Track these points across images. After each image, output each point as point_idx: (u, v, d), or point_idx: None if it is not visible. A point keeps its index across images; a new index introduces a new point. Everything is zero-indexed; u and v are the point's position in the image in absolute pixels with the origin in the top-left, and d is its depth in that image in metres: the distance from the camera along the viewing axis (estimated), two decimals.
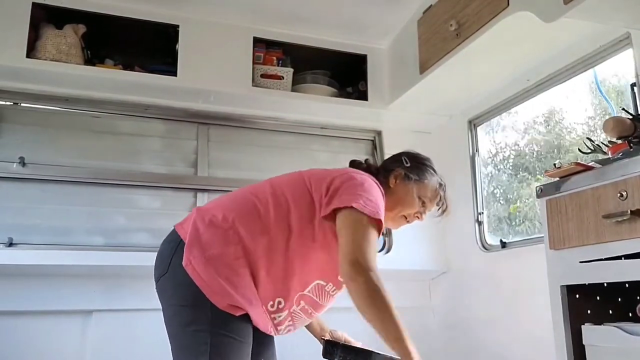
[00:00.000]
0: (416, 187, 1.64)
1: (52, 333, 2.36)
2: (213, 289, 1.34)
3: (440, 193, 1.68)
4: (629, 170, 1.35)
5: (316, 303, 1.50)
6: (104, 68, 2.53)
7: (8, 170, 2.41)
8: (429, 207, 1.67)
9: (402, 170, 1.65)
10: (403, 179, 1.64)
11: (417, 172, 1.66)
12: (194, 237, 1.40)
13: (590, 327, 1.45)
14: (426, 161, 1.72)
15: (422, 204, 1.64)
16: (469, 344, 2.72)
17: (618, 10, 1.76)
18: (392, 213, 1.62)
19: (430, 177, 1.67)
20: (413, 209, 1.64)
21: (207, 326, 1.33)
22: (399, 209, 1.63)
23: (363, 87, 2.94)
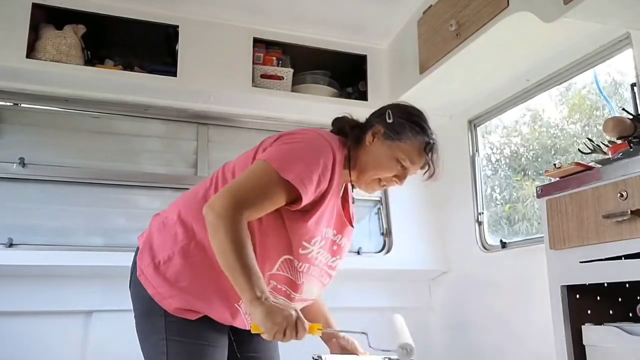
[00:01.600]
0: (395, 147, 1.39)
1: (52, 333, 2.35)
2: (164, 294, 1.29)
3: (426, 155, 1.42)
4: (629, 170, 1.35)
5: (292, 282, 1.36)
6: (103, 68, 2.53)
7: (8, 171, 2.41)
8: (411, 170, 1.43)
9: (381, 127, 1.41)
10: (382, 136, 1.40)
11: (399, 129, 1.40)
12: (145, 245, 1.37)
13: (590, 327, 1.45)
14: (414, 116, 1.44)
15: (401, 167, 1.40)
16: (469, 344, 2.72)
17: (618, 10, 1.76)
18: (365, 175, 1.41)
19: (414, 136, 1.40)
20: (389, 172, 1.40)
21: (162, 335, 1.28)
22: (373, 171, 1.40)
23: (363, 88, 2.94)
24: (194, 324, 1.29)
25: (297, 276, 1.36)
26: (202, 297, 1.29)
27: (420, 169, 1.44)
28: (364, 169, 1.41)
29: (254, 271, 1.16)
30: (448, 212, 2.96)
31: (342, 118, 1.50)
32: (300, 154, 1.28)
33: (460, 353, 2.78)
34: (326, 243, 1.40)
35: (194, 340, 1.28)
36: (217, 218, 1.17)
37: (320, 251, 1.38)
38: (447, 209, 2.96)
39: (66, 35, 2.45)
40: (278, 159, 1.25)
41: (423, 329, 2.94)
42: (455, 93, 2.68)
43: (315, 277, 1.41)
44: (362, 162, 1.41)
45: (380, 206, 2.99)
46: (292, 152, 1.28)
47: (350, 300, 2.74)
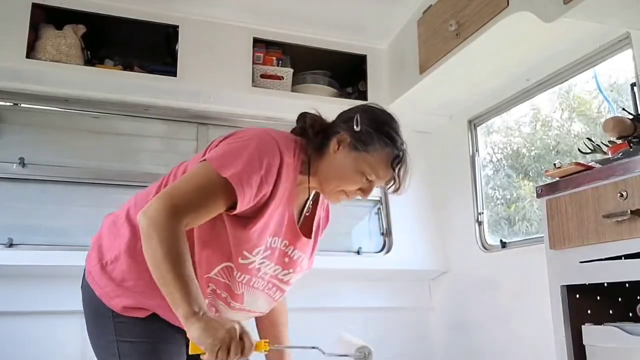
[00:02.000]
0: (361, 158, 1.27)
1: (52, 333, 2.35)
2: (110, 294, 1.25)
3: (392, 169, 1.29)
4: (629, 170, 1.35)
5: (231, 290, 1.28)
6: (103, 68, 2.53)
7: (8, 171, 2.41)
8: (376, 183, 1.31)
9: (347, 136, 1.29)
10: (348, 146, 1.28)
11: (366, 139, 1.27)
12: (94, 245, 1.34)
13: (590, 327, 1.45)
14: (383, 125, 1.31)
15: (366, 180, 1.29)
16: (469, 344, 2.72)
17: (618, 10, 1.76)
18: (329, 186, 1.30)
19: (382, 148, 1.28)
20: (353, 184, 1.29)
21: (112, 336, 1.23)
22: (336, 182, 1.29)
23: (363, 87, 2.94)
24: (144, 322, 1.23)
25: (235, 285, 1.28)
26: (149, 295, 1.21)
27: (385, 183, 1.33)
28: (327, 178, 1.30)
29: (191, 285, 1.06)
30: (448, 212, 2.96)
31: (306, 116, 1.39)
32: (242, 152, 1.18)
33: (460, 353, 2.78)
34: (272, 254, 1.30)
35: (145, 339, 1.22)
36: (150, 225, 1.08)
37: (264, 262, 1.28)
38: (447, 209, 2.96)
39: (66, 35, 2.45)
40: (218, 158, 1.17)
41: (423, 329, 2.94)
42: (455, 93, 2.68)
43: (259, 290, 1.32)
44: (325, 171, 1.30)
45: (380, 206, 2.99)
46: (234, 151, 1.18)
47: (350, 300, 2.74)
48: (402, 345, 2.85)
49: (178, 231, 1.09)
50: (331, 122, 1.37)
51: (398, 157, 1.30)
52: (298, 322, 1.69)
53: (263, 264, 1.28)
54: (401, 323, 2.89)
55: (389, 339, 2.84)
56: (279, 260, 1.32)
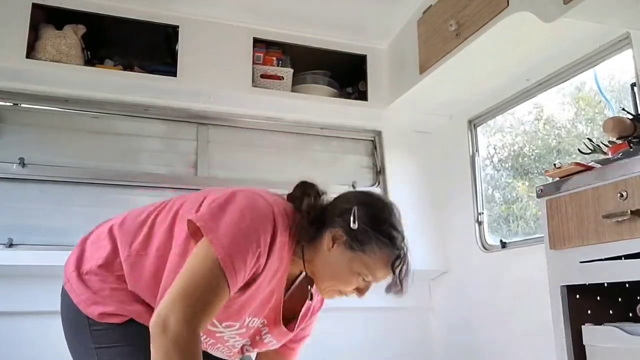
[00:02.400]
0: (357, 259, 1.18)
1: (52, 334, 2.34)
2: (87, 301, 1.21)
3: (392, 270, 1.21)
4: (629, 170, 1.35)
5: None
6: (103, 69, 2.53)
7: (8, 171, 2.41)
8: (375, 282, 1.24)
9: (343, 234, 1.19)
10: (344, 244, 1.19)
11: (362, 238, 1.18)
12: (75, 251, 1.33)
13: (590, 327, 1.45)
14: (381, 224, 1.21)
15: (362, 280, 1.22)
16: (469, 344, 2.72)
17: (618, 10, 1.76)
18: (323, 284, 1.23)
19: (380, 249, 1.19)
20: (348, 285, 1.22)
21: (91, 344, 1.20)
22: (331, 282, 1.22)
23: (363, 87, 2.94)
24: (122, 327, 1.19)
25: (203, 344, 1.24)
26: (127, 302, 1.20)
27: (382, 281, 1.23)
28: (321, 276, 1.22)
29: None
30: (448, 212, 2.96)
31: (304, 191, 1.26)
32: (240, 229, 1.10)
33: (460, 353, 2.78)
34: (247, 332, 1.25)
35: (124, 343, 1.18)
36: (172, 343, 1.01)
37: (234, 337, 1.24)
38: (447, 209, 2.96)
39: (66, 35, 2.45)
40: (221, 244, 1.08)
41: (423, 329, 2.94)
42: (455, 93, 2.68)
43: (224, 354, 1.30)
44: (319, 267, 1.22)
45: None
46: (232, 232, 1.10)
47: (350, 300, 2.73)
48: (402, 345, 2.85)
49: (198, 346, 1.05)
50: (327, 208, 1.24)
51: (398, 257, 1.21)
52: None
53: (233, 337, 1.24)
54: (401, 323, 2.89)
55: (389, 339, 2.84)
56: (252, 337, 1.29)
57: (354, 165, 3.02)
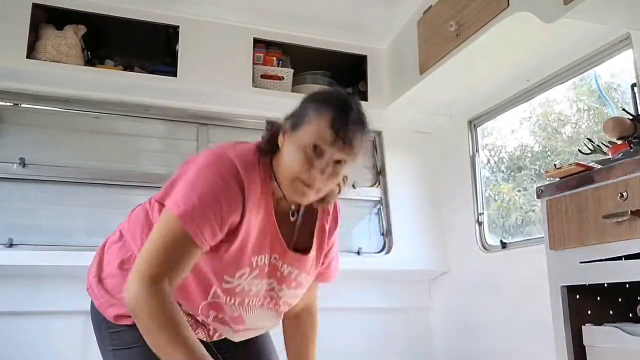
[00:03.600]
0: (301, 134, 1.16)
1: (52, 334, 2.35)
2: (105, 304, 1.27)
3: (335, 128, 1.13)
4: (629, 170, 1.35)
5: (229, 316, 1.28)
6: (104, 69, 2.54)
7: (8, 171, 2.41)
8: (328, 154, 1.14)
9: (287, 123, 1.21)
10: (289, 131, 1.19)
11: (301, 113, 1.18)
12: (95, 259, 1.39)
13: (590, 327, 1.45)
14: (317, 93, 1.23)
15: (312, 152, 1.14)
16: (469, 344, 2.72)
17: (618, 11, 1.76)
18: (285, 180, 1.19)
19: (317, 112, 1.15)
20: (300, 164, 1.14)
21: (109, 346, 1.26)
22: (287, 171, 1.17)
23: (363, 88, 2.94)
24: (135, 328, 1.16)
25: (230, 309, 1.25)
26: None
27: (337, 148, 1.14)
28: (281, 174, 1.19)
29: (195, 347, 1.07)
30: (448, 212, 2.96)
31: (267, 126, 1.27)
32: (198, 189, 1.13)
33: (460, 353, 2.78)
34: (262, 271, 1.24)
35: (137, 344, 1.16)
36: (135, 305, 1.07)
37: (254, 281, 1.24)
38: (447, 209, 2.96)
39: (66, 36, 2.45)
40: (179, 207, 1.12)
41: (423, 329, 2.94)
42: (455, 93, 2.68)
43: (258, 307, 1.28)
44: (279, 169, 1.20)
45: (380, 206, 2.99)
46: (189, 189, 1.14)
47: (350, 300, 2.74)
48: (402, 345, 2.85)
49: (162, 297, 1.07)
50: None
51: (340, 116, 1.14)
52: None
53: (253, 283, 1.24)
54: (401, 323, 2.89)
55: (389, 339, 2.84)
56: (272, 274, 1.27)
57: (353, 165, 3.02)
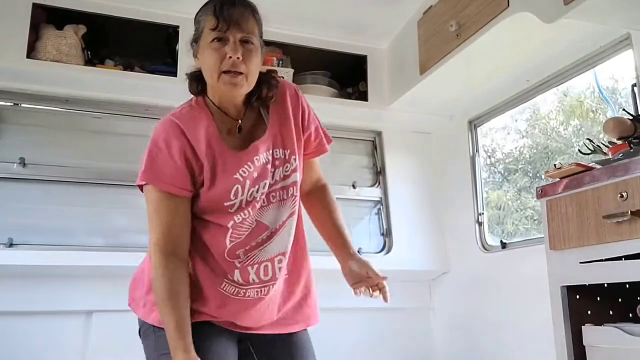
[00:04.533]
0: (200, 44, 1.29)
1: (52, 333, 2.36)
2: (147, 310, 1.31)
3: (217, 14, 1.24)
4: (629, 170, 1.35)
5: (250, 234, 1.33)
6: (104, 69, 2.54)
7: (8, 171, 2.41)
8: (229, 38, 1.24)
9: (191, 45, 1.34)
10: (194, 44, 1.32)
11: (196, 27, 1.31)
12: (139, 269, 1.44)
13: (590, 327, 1.45)
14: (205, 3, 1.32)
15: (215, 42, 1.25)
16: (469, 345, 2.72)
17: (618, 11, 1.76)
18: (214, 83, 1.28)
19: (201, 15, 1.29)
20: (213, 60, 1.25)
21: (156, 352, 1.27)
22: (210, 74, 1.28)
23: (363, 88, 2.94)
24: None
25: (249, 224, 1.31)
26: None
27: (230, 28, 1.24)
28: (210, 82, 1.31)
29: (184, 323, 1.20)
30: (448, 213, 2.96)
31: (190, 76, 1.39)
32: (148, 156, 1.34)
33: (460, 353, 2.78)
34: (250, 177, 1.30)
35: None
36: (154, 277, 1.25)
37: (251, 190, 1.30)
38: (447, 209, 2.96)
39: (66, 36, 2.45)
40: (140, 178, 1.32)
41: (423, 329, 2.94)
42: (456, 93, 2.68)
43: (271, 208, 1.33)
44: (208, 83, 1.33)
45: (380, 206, 2.99)
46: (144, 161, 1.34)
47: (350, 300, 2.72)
48: (402, 345, 2.85)
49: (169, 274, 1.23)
50: None
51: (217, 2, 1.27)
52: None
53: (252, 192, 1.30)
54: (401, 323, 2.89)
55: (389, 339, 2.84)
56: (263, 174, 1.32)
57: (354, 165, 3.02)
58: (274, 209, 1.34)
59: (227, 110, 1.34)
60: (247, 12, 1.29)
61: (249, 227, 1.31)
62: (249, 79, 1.28)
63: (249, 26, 1.27)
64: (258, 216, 1.32)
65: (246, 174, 1.30)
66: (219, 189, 1.28)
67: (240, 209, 1.29)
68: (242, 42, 1.26)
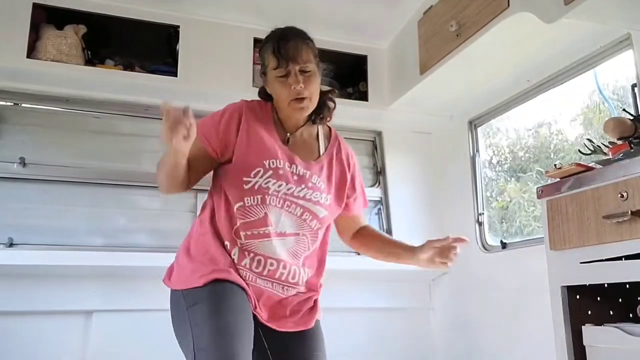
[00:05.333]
0: (268, 77, 1.52)
1: (52, 333, 2.35)
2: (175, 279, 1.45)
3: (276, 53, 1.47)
4: (629, 170, 1.36)
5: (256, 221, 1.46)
6: (104, 69, 2.53)
7: (9, 171, 2.41)
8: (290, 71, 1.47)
9: (261, 74, 1.59)
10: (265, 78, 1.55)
11: (262, 61, 1.56)
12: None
13: (590, 327, 1.45)
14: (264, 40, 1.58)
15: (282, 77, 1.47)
16: (469, 345, 2.72)
17: (618, 11, 1.76)
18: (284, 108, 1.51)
19: (265, 53, 1.53)
20: (282, 91, 1.48)
21: (184, 311, 1.37)
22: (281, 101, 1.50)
23: (363, 88, 2.94)
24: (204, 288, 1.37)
25: (255, 211, 1.43)
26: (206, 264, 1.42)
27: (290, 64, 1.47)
28: (279, 106, 1.52)
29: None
30: (448, 213, 2.96)
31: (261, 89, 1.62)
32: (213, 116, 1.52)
33: (460, 354, 2.78)
34: (276, 173, 1.44)
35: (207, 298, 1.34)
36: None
37: (270, 180, 1.43)
38: (448, 209, 2.96)
39: (67, 35, 2.45)
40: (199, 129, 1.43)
41: (423, 329, 2.94)
42: (456, 93, 2.68)
43: (278, 208, 1.45)
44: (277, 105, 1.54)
45: (380, 206, 2.99)
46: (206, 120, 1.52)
47: (350, 301, 2.74)
48: (402, 345, 2.85)
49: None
50: None
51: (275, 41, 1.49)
52: None
53: (270, 182, 1.43)
54: (401, 323, 2.89)
55: (390, 339, 2.84)
56: (289, 178, 1.46)
57: None
58: (287, 216, 1.46)
59: (285, 124, 1.54)
60: (300, 44, 1.50)
61: (255, 215, 1.43)
62: (312, 100, 1.50)
63: (303, 57, 1.48)
64: (268, 211, 1.43)
65: (274, 165, 1.44)
66: (244, 162, 1.43)
67: (252, 191, 1.42)
68: (301, 72, 1.47)
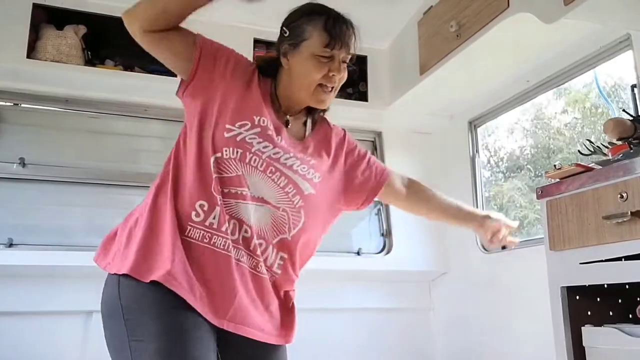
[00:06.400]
0: (305, 47, 1.31)
1: (52, 334, 2.35)
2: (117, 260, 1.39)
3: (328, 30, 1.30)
4: (629, 171, 1.35)
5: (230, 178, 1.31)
6: (104, 69, 2.53)
7: (8, 171, 2.41)
8: (336, 56, 1.32)
9: (285, 44, 1.35)
10: (291, 50, 1.34)
11: (296, 32, 1.34)
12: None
13: (590, 328, 1.45)
14: (301, 11, 1.37)
15: (325, 59, 1.31)
16: (469, 345, 2.72)
17: (618, 12, 1.76)
18: (306, 90, 1.33)
19: (311, 24, 1.32)
20: (318, 72, 1.31)
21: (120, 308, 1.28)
22: (307, 81, 1.32)
23: (363, 88, 2.94)
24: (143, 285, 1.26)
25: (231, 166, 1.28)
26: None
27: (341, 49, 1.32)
28: (297, 85, 1.34)
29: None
30: None
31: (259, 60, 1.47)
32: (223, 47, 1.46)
33: (460, 354, 2.78)
34: (264, 132, 1.30)
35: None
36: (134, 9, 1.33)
37: (255, 138, 1.29)
38: None
39: (66, 36, 2.45)
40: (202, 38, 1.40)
41: (423, 329, 2.94)
42: (456, 94, 2.68)
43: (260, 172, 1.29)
44: (290, 84, 1.36)
45: (380, 207, 2.99)
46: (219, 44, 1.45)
47: (350, 301, 2.74)
48: (402, 345, 2.85)
49: None
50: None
51: (329, 18, 1.32)
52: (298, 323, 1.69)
53: (255, 140, 1.29)
54: (401, 324, 2.89)
55: (389, 339, 2.84)
56: (276, 143, 1.31)
57: None
58: (268, 184, 1.30)
59: (283, 104, 1.38)
60: (352, 33, 1.36)
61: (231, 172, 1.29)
62: (335, 93, 1.37)
63: (352, 48, 1.34)
64: (245, 171, 1.29)
65: (264, 124, 1.31)
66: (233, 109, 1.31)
67: (233, 141, 1.28)
68: (343, 61, 1.33)
